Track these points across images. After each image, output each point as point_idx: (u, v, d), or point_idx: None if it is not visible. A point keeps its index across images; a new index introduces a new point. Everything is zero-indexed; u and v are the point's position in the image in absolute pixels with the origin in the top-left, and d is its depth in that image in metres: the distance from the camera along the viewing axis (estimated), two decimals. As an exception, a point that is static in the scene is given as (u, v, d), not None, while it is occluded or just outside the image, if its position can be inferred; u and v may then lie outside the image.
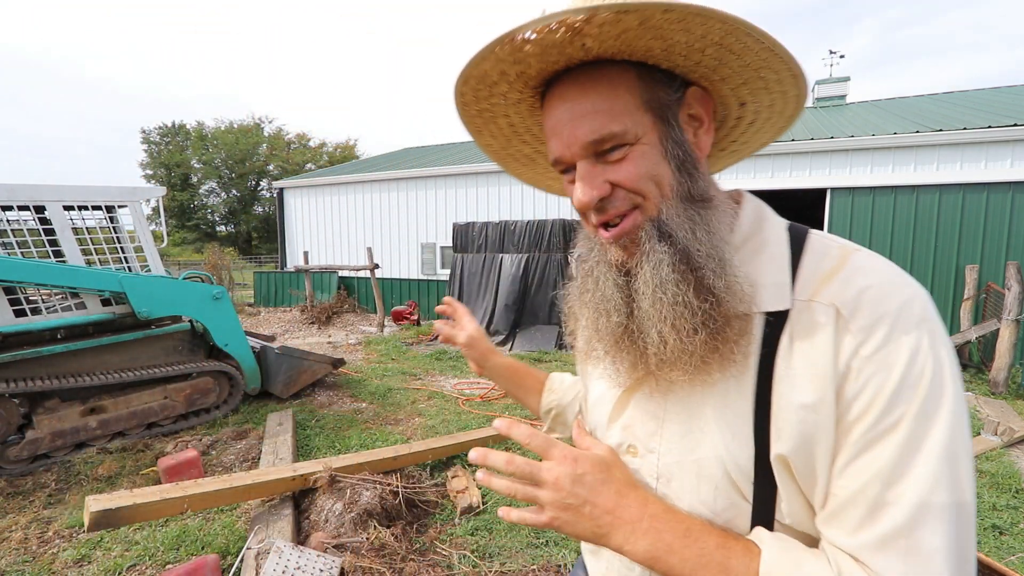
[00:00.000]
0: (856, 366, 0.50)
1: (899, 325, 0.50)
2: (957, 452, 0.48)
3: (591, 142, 0.56)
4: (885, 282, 0.53)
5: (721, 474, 0.58)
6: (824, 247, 0.58)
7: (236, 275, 16.86)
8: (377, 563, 2.40)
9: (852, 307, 0.52)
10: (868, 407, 0.50)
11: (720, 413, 0.58)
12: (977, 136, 6.40)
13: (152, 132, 40.34)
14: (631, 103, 0.56)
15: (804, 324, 0.54)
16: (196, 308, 4.33)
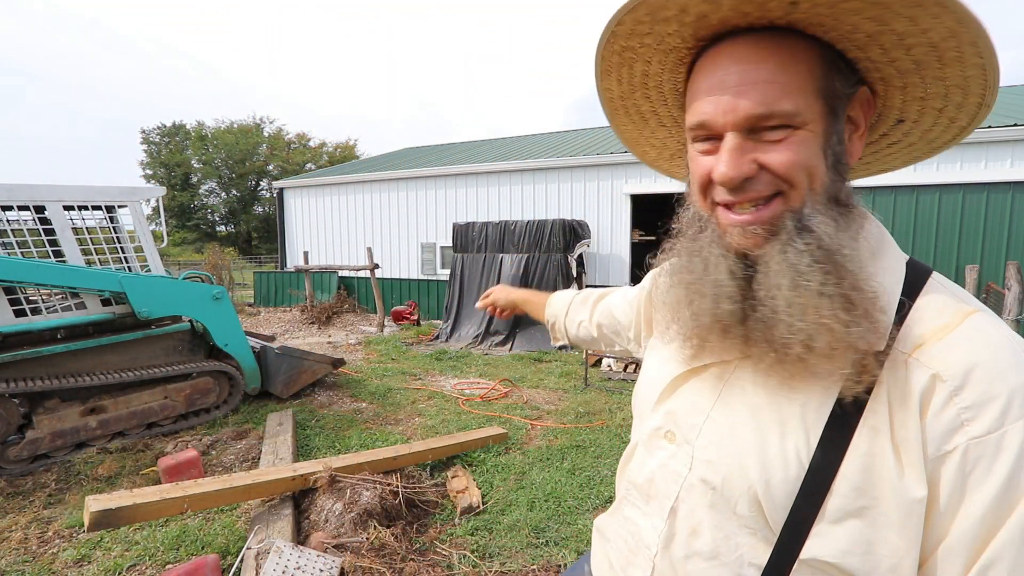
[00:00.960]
0: (961, 445, 0.46)
1: (1013, 410, 0.45)
2: None
3: (755, 115, 0.51)
4: (1003, 357, 0.47)
5: (747, 489, 0.56)
6: (942, 301, 0.53)
7: (236, 275, 16.87)
8: (377, 563, 2.40)
9: (961, 380, 0.47)
10: (972, 492, 0.46)
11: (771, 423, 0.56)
12: (977, 136, 6.40)
13: (152, 132, 40.35)
14: (808, 85, 0.51)
15: (900, 379, 0.50)
16: (196, 308, 4.33)
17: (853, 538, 0.50)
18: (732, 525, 0.58)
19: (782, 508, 0.54)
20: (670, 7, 0.51)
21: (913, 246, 6.77)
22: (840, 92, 0.53)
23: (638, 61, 0.60)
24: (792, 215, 0.53)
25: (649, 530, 0.67)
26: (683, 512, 0.63)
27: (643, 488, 0.69)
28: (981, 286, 6.24)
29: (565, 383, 5.73)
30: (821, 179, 0.53)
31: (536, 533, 2.73)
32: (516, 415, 4.61)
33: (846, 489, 0.50)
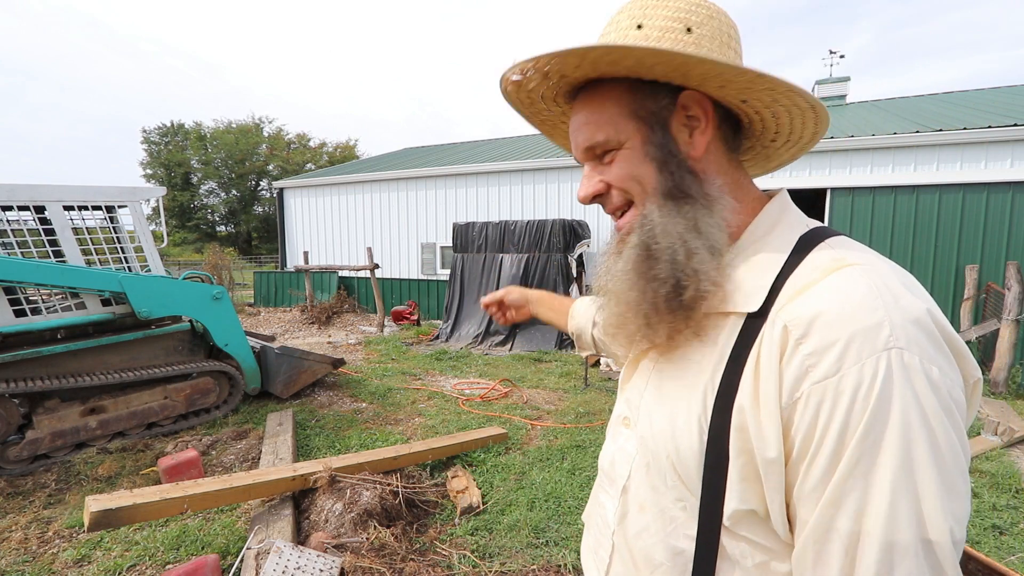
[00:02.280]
0: (806, 391, 0.49)
1: (851, 353, 0.48)
2: (917, 488, 0.45)
3: (585, 148, 0.66)
4: (849, 303, 0.50)
5: (664, 456, 0.62)
6: (820, 260, 0.57)
7: (236, 275, 16.85)
8: (377, 563, 2.40)
9: (805, 328, 0.51)
10: (818, 437, 0.49)
11: (679, 398, 0.62)
12: (977, 136, 6.40)
13: (152, 132, 40.33)
14: (617, 113, 0.63)
15: (767, 336, 0.54)
16: (196, 308, 4.33)
17: (751, 489, 0.55)
18: (666, 499, 0.63)
19: (696, 475, 0.58)
20: (519, 102, 0.72)
21: (913, 246, 6.77)
22: (653, 108, 0.62)
23: (558, 123, 0.77)
24: (641, 216, 0.64)
25: (611, 510, 0.73)
26: (632, 490, 0.69)
27: (607, 472, 0.75)
28: (981, 286, 6.24)
29: (565, 383, 5.73)
30: (651, 182, 0.63)
31: (536, 533, 2.73)
32: (516, 415, 4.61)
33: (735, 450, 0.55)
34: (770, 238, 0.62)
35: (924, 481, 0.46)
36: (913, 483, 0.46)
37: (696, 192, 0.62)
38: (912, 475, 0.46)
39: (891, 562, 0.45)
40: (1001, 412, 4.55)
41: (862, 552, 0.47)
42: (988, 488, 3.20)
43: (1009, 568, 2.05)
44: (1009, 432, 3.91)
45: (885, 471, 0.46)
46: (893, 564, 0.45)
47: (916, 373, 0.47)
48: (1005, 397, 5.18)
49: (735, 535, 0.57)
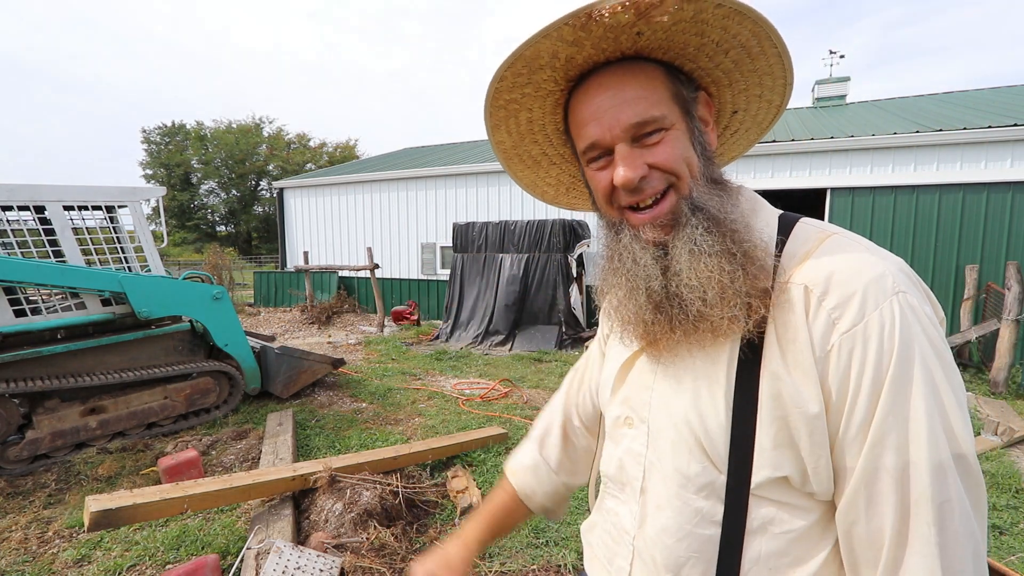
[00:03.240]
0: (836, 342, 0.54)
1: (869, 300, 0.53)
2: (945, 410, 0.51)
3: (635, 124, 0.61)
4: (854, 261, 0.56)
5: (692, 438, 0.62)
6: (806, 233, 0.63)
7: (236, 275, 16.84)
8: (377, 563, 2.40)
9: (824, 286, 0.56)
10: (855, 383, 0.53)
11: (699, 377, 0.63)
12: (977, 136, 6.40)
13: (152, 132, 40.33)
14: (665, 94, 0.62)
15: (782, 303, 0.58)
16: (196, 308, 4.33)
17: (785, 455, 0.57)
18: (689, 491, 0.63)
19: (724, 450, 0.60)
20: (543, 55, 0.61)
21: (913, 246, 6.77)
22: (687, 96, 0.65)
23: (522, 111, 0.71)
24: (686, 201, 0.63)
25: (627, 516, 0.71)
26: (651, 490, 0.68)
27: (616, 477, 0.74)
28: (981, 286, 6.24)
29: (565, 383, 5.72)
30: (697, 166, 0.63)
31: (536, 533, 2.73)
32: (516, 415, 4.61)
33: (767, 419, 0.57)
34: (757, 220, 0.65)
35: (948, 403, 0.52)
36: (942, 406, 0.51)
37: (725, 179, 0.67)
38: (939, 399, 0.51)
39: (941, 481, 0.50)
40: (1001, 412, 4.55)
41: (913, 481, 0.51)
42: (988, 488, 3.19)
43: (1009, 568, 2.05)
44: (1009, 432, 3.91)
45: (918, 400, 0.51)
46: (943, 482, 0.50)
47: (918, 311, 0.54)
48: (1005, 397, 5.18)
49: (763, 499, 0.59)
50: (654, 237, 0.64)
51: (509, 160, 0.79)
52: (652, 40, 0.60)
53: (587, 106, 0.64)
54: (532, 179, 0.84)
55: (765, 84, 0.67)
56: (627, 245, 0.66)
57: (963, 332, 5.86)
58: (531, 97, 0.68)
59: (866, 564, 0.55)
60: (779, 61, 0.63)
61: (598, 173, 0.66)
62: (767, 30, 0.59)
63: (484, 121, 0.71)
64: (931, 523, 0.50)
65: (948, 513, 0.50)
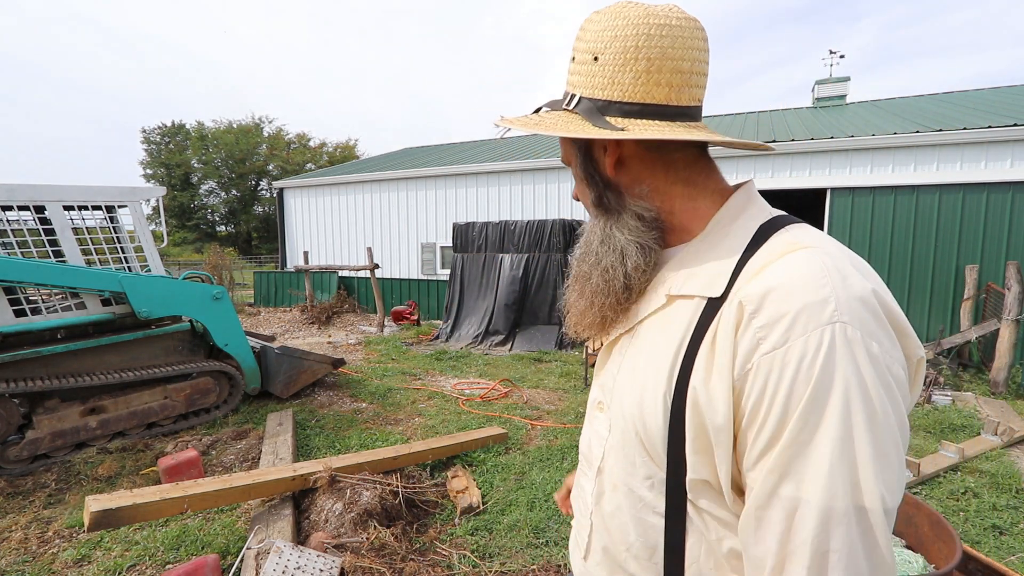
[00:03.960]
0: (756, 362, 0.53)
1: (798, 325, 0.51)
2: (855, 457, 0.48)
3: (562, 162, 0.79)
4: (800, 281, 0.53)
5: (634, 433, 0.66)
6: (777, 244, 0.61)
7: (236, 275, 16.84)
8: (377, 563, 2.40)
9: (758, 303, 0.54)
10: (766, 406, 0.52)
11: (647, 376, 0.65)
12: (977, 136, 6.40)
13: (152, 132, 40.31)
14: (566, 142, 0.77)
15: (724, 315, 0.58)
16: (196, 308, 4.33)
17: (702, 461, 0.59)
18: (635, 479, 0.67)
19: (661, 449, 0.62)
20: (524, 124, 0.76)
21: (913, 246, 6.76)
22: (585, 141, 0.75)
23: None
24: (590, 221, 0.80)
25: (589, 491, 0.77)
26: (607, 471, 0.72)
27: (585, 454, 0.80)
28: (981, 286, 6.24)
29: (565, 383, 5.73)
30: (586, 196, 0.77)
31: (536, 533, 2.73)
32: (516, 415, 4.61)
33: (689, 424, 0.59)
34: (733, 227, 0.66)
35: (860, 450, 0.48)
36: (851, 452, 0.48)
37: (613, 204, 0.73)
38: (851, 444, 0.48)
39: (827, 528, 0.48)
40: (1001, 412, 4.55)
41: (800, 518, 0.49)
42: (988, 488, 3.20)
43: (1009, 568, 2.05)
44: (1009, 432, 3.91)
45: (825, 439, 0.49)
46: (829, 530, 0.48)
47: (857, 346, 0.50)
48: (1005, 397, 5.17)
49: (697, 507, 0.61)
50: None
51: None
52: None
53: None
54: None
55: None
56: None
57: (963, 332, 5.85)
58: None
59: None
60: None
61: None
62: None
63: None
64: (806, 568, 0.48)
65: (828, 565, 0.48)
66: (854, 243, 7.00)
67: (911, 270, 6.74)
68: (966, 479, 3.31)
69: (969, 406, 4.85)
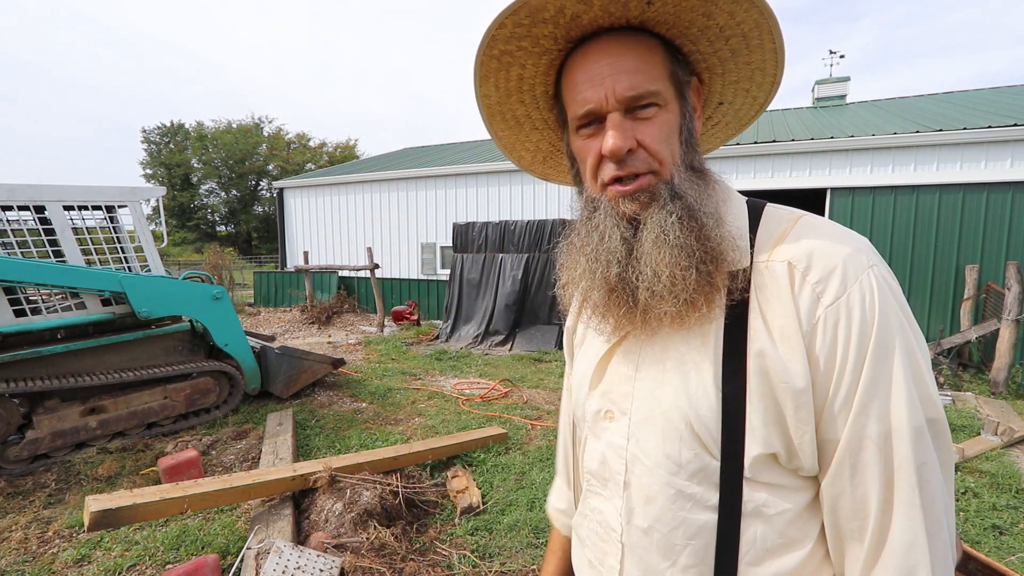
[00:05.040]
0: (821, 315, 0.56)
1: (849, 274, 0.56)
2: (922, 376, 0.55)
3: (631, 96, 0.60)
4: (830, 237, 0.59)
5: (684, 425, 0.61)
6: (777, 215, 0.65)
7: (236, 275, 16.84)
8: (377, 563, 2.40)
9: (807, 261, 0.58)
10: (841, 354, 0.55)
11: (685, 363, 0.62)
12: (977, 136, 6.40)
13: (152, 132, 40.32)
14: (663, 71, 0.62)
15: (765, 282, 0.60)
16: (196, 308, 4.33)
17: (773, 432, 0.58)
18: (680, 478, 0.62)
19: (715, 434, 0.60)
20: (549, 8, 0.59)
21: (913, 246, 6.76)
22: (682, 79, 0.65)
23: (514, 65, 0.67)
24: (665, 185, 0.63)
25: (612, 512, 0.69)
26: (635, 483, 0.66)
27: (598, 473, 0.72)
28: (981, 286, 6.23)
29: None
30: (679, 152, 0.64)
31: (536, 533, 2.73)
32: (516, 415, 4.61)
33: (756, 397, 0.58)
34: (729, 209, 0.66)
35: (923, 369, 0.55)
36: (919, 372, 0.55)
37: (705, 168, 0.67)
38: (916, 366, 0.55)
39: (920, 446, 0.53)
40: (1001, 412, 4.55)
41: (896, 447, 0.53)
42: (988, 488, 3.19)
43: (1009, 568, 2.05)
44: (1009, 432, 3.91)
45: (899, 368, 0.54)
46: (921, 447, 0.53)
47: (891, 282, 0.58)
48: (1005, 397, 5.18)
49: (756, 483, 0.60)
50: (630, 210, 0.63)
51: (492, 117, 0.75)
52: (660, 12, 0.60)
53: (584, 71, 0.62)
54: (511, 141, 0.81)
55: (755, 79, 0.68)
56: (599, 223, 0.65)
57: (963, 332, 5.86)
58: (527, 52, 0.65)
59: (851, 537, 0.57)
60: (773, 57, 0.63)
61: (587, 141, 0.65)
62: (770, 23, 0.59)
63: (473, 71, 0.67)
64: (913, 486, 0.53)
65: (926, 474, 0.53)
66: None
67: (911, 270, 6.74)
68: (966, 479, 3.31)
69: (969, 406, 4.85)
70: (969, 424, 4.30)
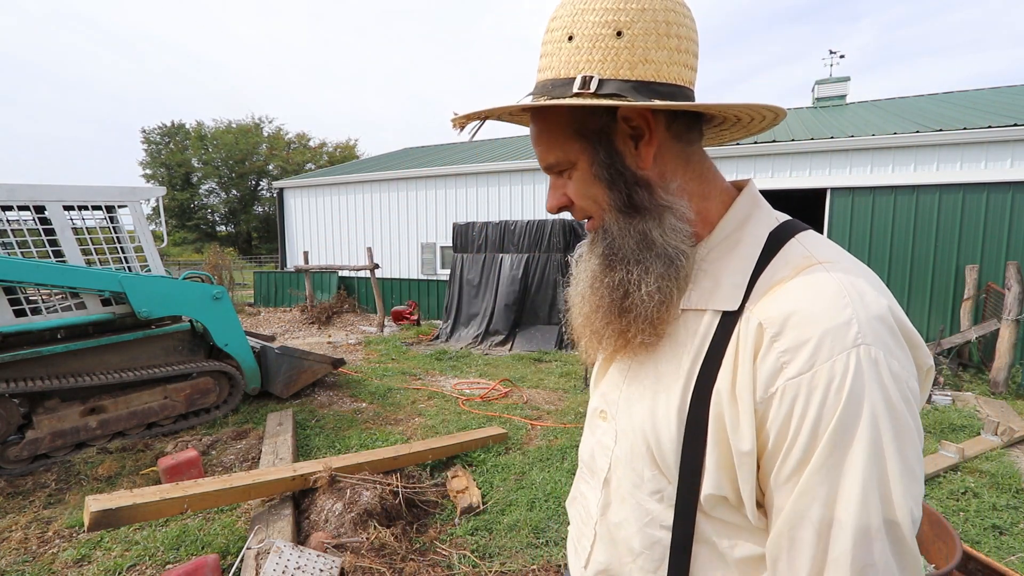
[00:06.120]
0: (780, 387, 0.52)
1: (823, 350, 0.50)
2: (886, 475, 0.49)
3: (546, 167, 0.67)
4: (821, 302, 0.52)
5: (645, 447, 0.64)
6: (792, 255, 0.59)
7: (236, 275, 16.84)
8: (377, 563, 2.40)
9: (779, 326, 0.53)
10: (793, 430, 0.51)
11: (658, 389, 0.64)
12: (977, 136, 6.39)
13: (152, 132, 40.30)
14: (564, 134, 0.63)
15: (743, 332, 0.57)
16: (196, 308, 4.33)
17: (725, 477, 0.58)
18: (642, 493, 0.65)
19: (673, 463, 0.61)
20: (494, 113, 0.67)
21: (913, 246, 6.76)
22: (594, 127, 0.62)
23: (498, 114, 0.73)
24: (601, 229, 0.67)
25: (593, 501, 0.74)
26: (614, 482, 0.70)
27: (588, 463, 0.77)
28: (981, 286, 6.23)
29: (565, 383, 5.73)
30: (604, 199, 0.64)
31: (536, 533, 2.73)
32: (516, 415, 4.61)
33: (713, 439, 0.58)
34: (743, 233, 0.63)
35: (890, 468, 0.49)
36: (882, 471, 0.49)
37: (648, 203, 0.63)
38: (881, 463, 0.49)
39: (863, 545, 0.48)
40: (1001, 412, 4.55)
41: (835, 537, 0.49)
42: (988, 488, 3.20)
43: (1009, 568, 2.05)
44: (1009, 432, 3.91)
45: (856, 461, 0.49)
46: (865, 546, 0.48)
47: (882, 367, 0.50)
48: (1005, 397, 5.18)
49: (710, 516, 0.60)
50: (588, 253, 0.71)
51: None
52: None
53: None
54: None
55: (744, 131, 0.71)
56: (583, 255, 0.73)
57: (963, 332, 5.86)
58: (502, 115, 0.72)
59: None
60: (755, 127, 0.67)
61: None
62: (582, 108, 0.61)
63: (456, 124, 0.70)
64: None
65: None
66: (854, 243, 7.00)
67: (911, 270, 6.74)
68: (966, 479, 3.31)
69: (969, 406, 4.85)
70: (969, 424, 4.30)
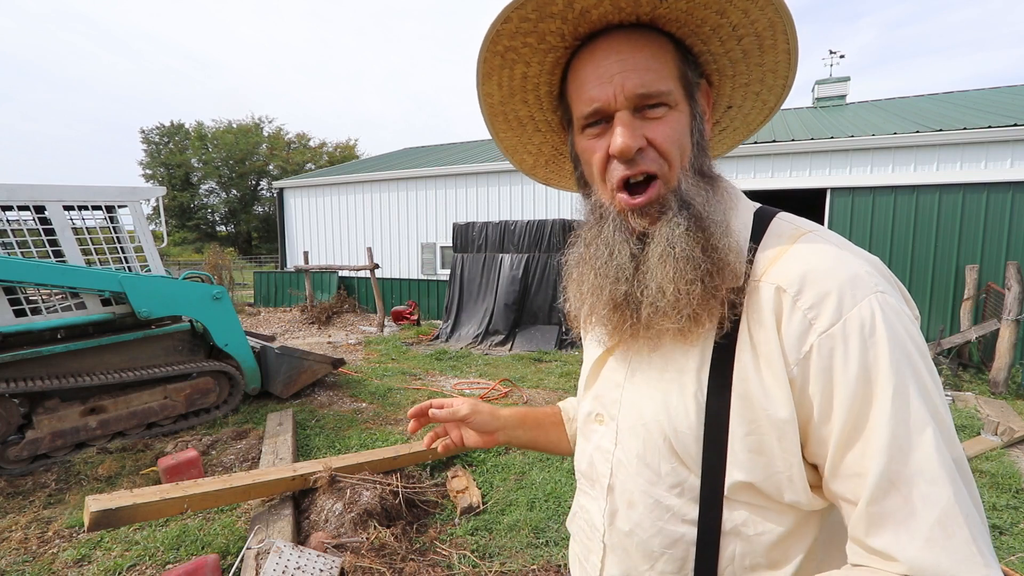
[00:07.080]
0: (814, 343, 0.52)
1: (846, 299, 0.51)
2: (940, 413, 0.49)
3: (640, 95, 0.58)
4: (829, 258, 0.54)
5: (662, 439, 0.61)
6: (781, 229, 0.61)
7: (236, 275, 16.85)
8: (377, 563, 2.40)
9: (798, 285, 0.53)
10: (842, 385, 0.50)
11: (669, 379, 0.62)
12: (977, 136, 6.40)
13: (152, 132, 40.30)
14: (674, 71, 0.60)
15: (755, 303, 0.57)
16: (196, 308, 4.33)
17: (756, 461, 0.56)
18: (660, 488, 0.62)
19: (696, 451, 0.59)
20: (557, 2, 0.56)
21: (913, 246, 6.76)
22: (692, 80, 0.62)
23: (519, 63, 0.65)
24: (673, 194, 0.60)
25: (597, 513, 0.70)
26: (619, 487, 0.67)
27: (587, 473, 0.73)
28: (981, 286, 6.23)
29: (565, 383, 5.73)
30: (689, 155, 0.61)
31: (536, 533, 2.73)
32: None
33: (738, 421, 0.56)
34: (735, 218, 0.64)
35: (940, 404, 0.50)
36: (934, 409, 0.49)
37: (712, 172, 0.64)
38: (930, 399, 0.49)
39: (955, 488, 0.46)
40: (1001, 412, 4.55)
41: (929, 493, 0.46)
42: (988, 488, 3.19)
43: (1009, 568, 2.05)
44: (1009, 432, 3.91)
45: (912, 398, 0.48)
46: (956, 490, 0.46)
47: (898, 309, 0.52)
48: (1005, 397, 5.17)
49: (737, 503, 0.58)
50: (640, 226, 0.61)
51: (494, 117, 0.73)
52: (672, 9, 0.57)
53: (592, 68, 0.60)
54: (514, 143, 0.78)
55: (766, 82, 0.65)
56: (607, 237, 0.64)
57: (963, 332, 5.85)
58: (532, 49, 0.63)
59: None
60: (786, 58, 0.61)
61: (593, 141, 0.62)
62: (785, 22, 0.56)
63: (476, 68, 0.65)
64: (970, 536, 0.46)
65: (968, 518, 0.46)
66: (854, 243, 6.97)
67: (911, 270, 6.74)
68: (966, 479, 3.31)
69: (969, 406, 4.85)
70: (969, 424, 4.29)
